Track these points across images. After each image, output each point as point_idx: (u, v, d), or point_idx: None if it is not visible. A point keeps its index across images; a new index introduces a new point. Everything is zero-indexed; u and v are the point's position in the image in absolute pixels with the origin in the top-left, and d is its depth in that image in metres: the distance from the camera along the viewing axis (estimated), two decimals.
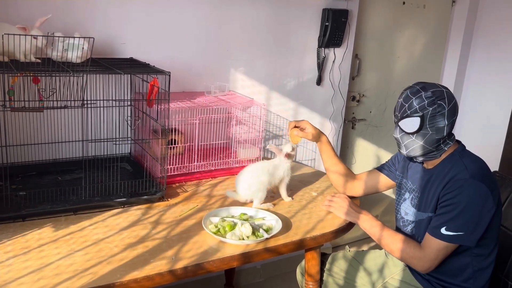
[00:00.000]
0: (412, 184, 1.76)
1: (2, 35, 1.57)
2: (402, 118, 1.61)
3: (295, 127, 1.96)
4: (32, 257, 1.38)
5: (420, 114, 1.57)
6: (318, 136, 1.98)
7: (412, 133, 1.61)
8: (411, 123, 1.59)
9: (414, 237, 1.70)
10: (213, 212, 1.73)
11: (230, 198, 1.88)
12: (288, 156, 1.92)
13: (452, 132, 1.66)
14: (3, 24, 1.67)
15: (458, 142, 1.69)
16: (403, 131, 1.63)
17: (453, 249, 1.58)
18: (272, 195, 1.96)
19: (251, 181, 1.84)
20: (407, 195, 1.78)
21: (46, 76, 1.67)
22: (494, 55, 3.24)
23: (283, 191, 1.95)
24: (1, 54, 1.66)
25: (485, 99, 3.33)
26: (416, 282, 1.73)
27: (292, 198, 1.97)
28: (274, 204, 1.89)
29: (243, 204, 1.86)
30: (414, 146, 1.63)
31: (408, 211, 1.75)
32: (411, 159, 1.76)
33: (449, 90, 1.61)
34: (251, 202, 1.86)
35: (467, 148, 1.68)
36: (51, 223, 1.59)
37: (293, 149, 1.94)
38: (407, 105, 1.59)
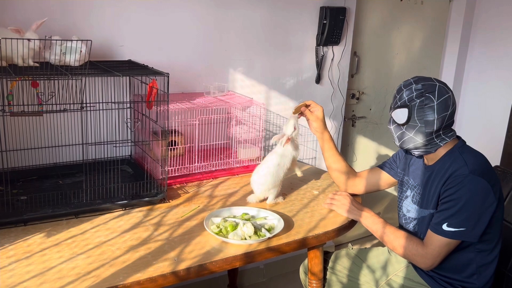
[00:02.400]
0: (413, 181, 1.75)
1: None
2: (394, 109, 1.64)
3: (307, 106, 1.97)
4: (34, 261, 1.38)
5: (408, 105, 1.58)
6: (321, 127, 1.96)
7: (402, 125, 1.62)
8: (400, 114, 1.61)
9: (417, 234, 1.70)
10: (214, 212, 1.73)
11: (251, 202, 1.89)
12: (290, 140, 1.89)
13: (452, 128, 1.66)
14: (0, 29, 1.67)
15: (458, 137, 1.69)
16: (395, 122, 1.65)
17: (456, 245, 1.57)
18: (283, 194, 1.98)
19: (266, 182, 1.86)
20: (408, 192, 1.77)
21: (45, 80, 1.67)
22: (493, 50, 3.24)
23: (296, 168, 1.96)
24: None
25: (485, 94, 3.33)
26: (420, 278, 1.72)
27: (300, 176, 1.98)
28: (285, 196, 1.96)
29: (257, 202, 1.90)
30: (405, 138, 1.63)
31: (410, 208, 1.75)
32: (408, 152, 1.76)
33: (445, 86, 1.61)
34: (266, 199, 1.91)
35: (468, 143, 1.68)
36: (53, 227, 1.58)
37: (294, 128, 1.90)
38: (398, 96, 1.62)
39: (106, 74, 1.72)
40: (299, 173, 1.97)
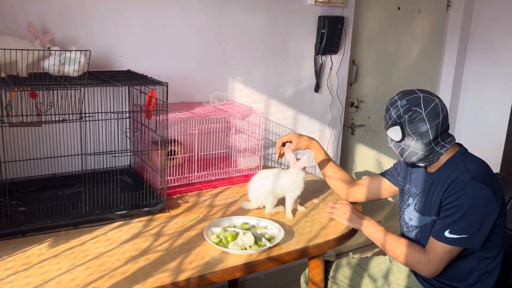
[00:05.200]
0: (415, 189, 1.75)
1: None
2: (387, 128, 1.65)
3: (283, 145, 2.00)
4: (33, 273, 1.37)
5: (399, 122, 1.60)
6: (308, 141, 2.00)
7: (400, 141, 1.63)
8: (395, 132, 1.63)
9: (419, 242, 1.69)
10: (214, 222, 1.72)
11: (245, 208, 1.90)
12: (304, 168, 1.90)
13: (450, 133, 1.66)
14: (3, 37, 1.68)
15: (459, 145, 1.68)
16: (393, 140, 1.66)
17: (458, 253, 1.56)
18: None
19: (261, 189, 1.86)
20: (410, 200, 1.77)
21: (44, 90, 1.67)
22: (491, 58, 3.25)
23: (288, 205, 1.87)
24: None
25: (483, 102, 3.33)
26: (422, 287, 1.71)
27: (293, 216, 1.88)
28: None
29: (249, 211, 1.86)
30: (407, 153, 1.64)
31: (412, 216, 1.74)
32: (415, 166, 1.76)
33: (430, 95, 1.60)
34: (263, 207, 1.90)
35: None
36: (52, 238, 1.57)
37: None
38: (387, 115, 1.65)
39: (105, 84, 1.72)
40: (289, 214, 1.86)
